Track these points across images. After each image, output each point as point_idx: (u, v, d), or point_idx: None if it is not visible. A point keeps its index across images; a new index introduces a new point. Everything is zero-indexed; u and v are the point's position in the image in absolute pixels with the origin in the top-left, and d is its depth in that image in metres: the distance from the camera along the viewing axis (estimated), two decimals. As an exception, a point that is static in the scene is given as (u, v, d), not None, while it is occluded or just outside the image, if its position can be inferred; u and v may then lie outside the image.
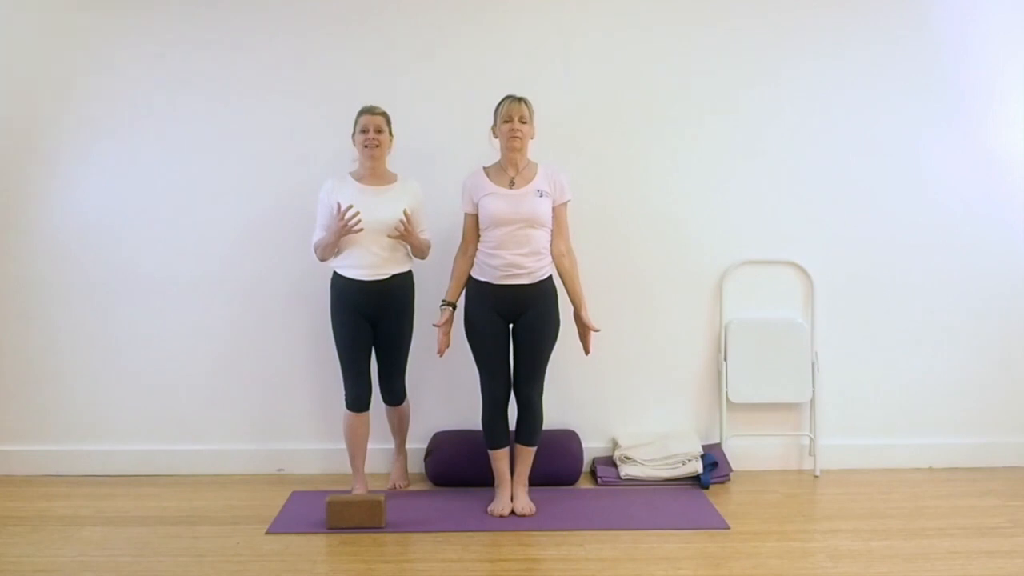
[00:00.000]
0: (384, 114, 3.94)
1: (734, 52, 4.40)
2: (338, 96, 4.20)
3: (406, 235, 3.85)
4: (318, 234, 3.92)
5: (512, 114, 3.76)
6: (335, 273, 3.93)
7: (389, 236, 3.84)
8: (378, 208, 3.83)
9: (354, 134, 3.94)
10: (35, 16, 4.37)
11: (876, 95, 4.42)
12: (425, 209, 4.00)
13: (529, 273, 3.78)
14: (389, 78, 4.34)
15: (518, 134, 3.76)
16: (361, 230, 3.79)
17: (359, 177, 3.95)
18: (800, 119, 4.42)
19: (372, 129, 3.89)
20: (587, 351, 3.91)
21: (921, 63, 4.42)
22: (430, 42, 4.37)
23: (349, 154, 4.01)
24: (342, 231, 3.79)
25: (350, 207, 3.77)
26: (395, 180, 3.98)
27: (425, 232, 3.99)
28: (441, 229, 4.09)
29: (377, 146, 3.90)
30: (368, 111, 3.92)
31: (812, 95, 4.41)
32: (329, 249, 3.89)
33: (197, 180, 4.39)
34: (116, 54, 4.36)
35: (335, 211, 3.79)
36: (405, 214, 3.82)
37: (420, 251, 3.98)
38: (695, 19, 4.40)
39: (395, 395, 4.10)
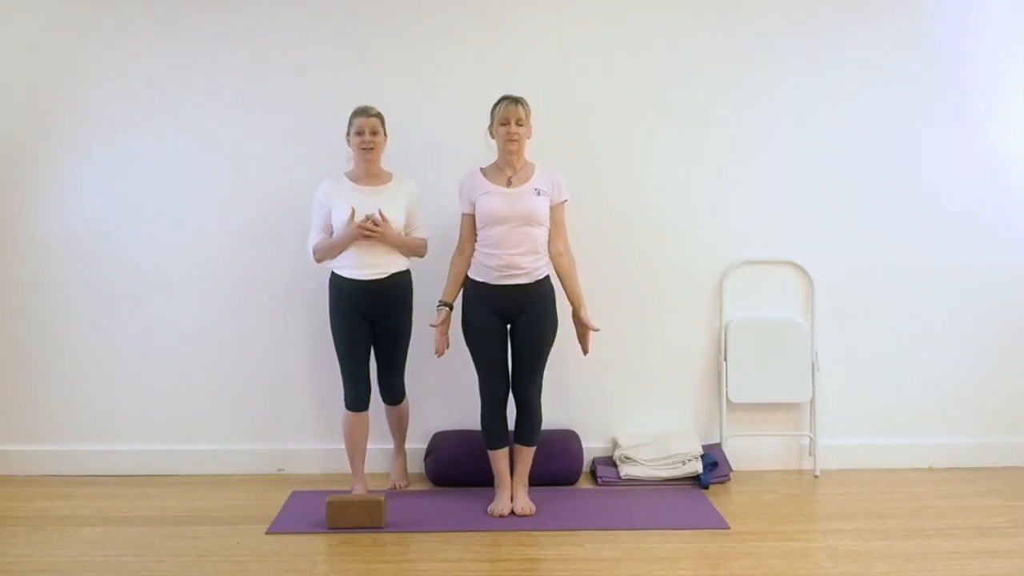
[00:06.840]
0: (379, 115, 3.93)
1: (734, 52, 4.40)
2: (337, 96, 4.19)
3: (381, 236, 3.80)
4: (315, 236, 3.92)
5: (509, 117, 3.75)
6: (333, 273, 3.93)
7: (364, 236, 3.79)
8: (375, 208, 3.81)
9: (348, 135, 3.94)
10: (35, 17, 4.36)
11: (876, 95, 4.41)
12: (422, 208, 4.00)
13: (527, 273, 3.77)
14: (388, 78, 4.33)
15: (515, 137, 3.75)
16: (380, 233, 3.77)
17: (355, 178, 3.95)
18: (800, 119, 4.42)
19: (368, 131, 3.88)
20: (585, 351, 3.90)
21: (921, 63, 4.41)
22: (429, 42, 4.37)
23: (346, 153, 4.00)
24: (357, 235, 3.78)
25: (370, 215, 3.75)
26: (390, 180, 3.97)
27: (421, 231, 3.99)
28: (440, 229, 4.08)
29: (372, 148, 3.89)
30: (363, 112, 3.91)
31: (812, 95, 4.41)
32: (336, 252, 3.87)
33: (196, 180, 4.39)
34: (115, 54, 4.35)
35: (346, 217, 3.78)
36: (381, 214, 3.79)
37: (408, 250, 3.95)
38: (695, 19, 4.40)
39: (394, 394, 4.10)
